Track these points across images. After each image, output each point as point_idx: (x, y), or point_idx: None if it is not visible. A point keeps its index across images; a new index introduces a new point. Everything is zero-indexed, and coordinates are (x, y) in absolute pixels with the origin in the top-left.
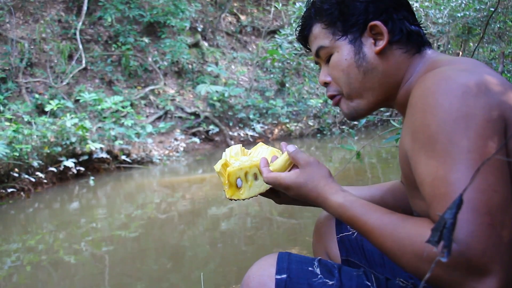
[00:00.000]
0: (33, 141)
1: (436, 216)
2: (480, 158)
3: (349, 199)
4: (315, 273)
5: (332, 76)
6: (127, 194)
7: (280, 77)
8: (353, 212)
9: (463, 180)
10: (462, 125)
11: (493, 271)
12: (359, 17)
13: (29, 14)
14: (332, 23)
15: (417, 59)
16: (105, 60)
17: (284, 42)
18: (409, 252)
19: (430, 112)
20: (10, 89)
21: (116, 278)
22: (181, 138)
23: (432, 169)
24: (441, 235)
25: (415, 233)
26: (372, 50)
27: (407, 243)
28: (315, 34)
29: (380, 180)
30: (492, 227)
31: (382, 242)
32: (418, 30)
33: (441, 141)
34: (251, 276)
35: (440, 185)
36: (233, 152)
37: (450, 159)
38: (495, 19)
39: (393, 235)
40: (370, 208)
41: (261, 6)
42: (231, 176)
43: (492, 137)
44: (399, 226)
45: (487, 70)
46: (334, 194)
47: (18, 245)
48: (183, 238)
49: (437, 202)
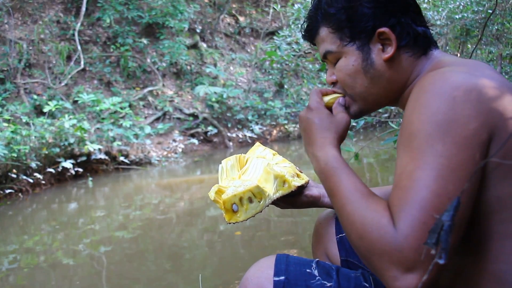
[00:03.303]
0: (31, 142)
1: (392, 202)
2: (449, 165)
3: (342, 158)
4: (313, 275)
5: (338, 77)
6: (126, 195)
7: (279, 79)
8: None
9: (425, 180)
10: (442, 129)
11: (418, 270)
12: (367, 23)
13: (28, 15)
14: (340, 28)
15: (423, 61)
16: (103, 61)
17: (282, 43)
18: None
19: (418, 111)
20: (9, 90)
21: (114, 279)
22: (180, 139)
23: (403, 162)
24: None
25: (371, 208)
26: (380, 57)
27: (361, 214)
28: (322, 37)
29: (378, 182)
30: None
31: (344, 204)
32: (425, 31)
33: (419, 139)
34: (249, 278)
35: (404, 178)
36: (229, 164)
37: (421, 158)
38: (493, 21)
39: (355, 201)
40: (353, 172)
41: (260, 8)
42: (226, 203)
43: (468, 149)
44: (365, 198)
45: (488, 72)
46: (335, 147)
47: (16, 246)
48: (181, 239)
49: (396, 191)
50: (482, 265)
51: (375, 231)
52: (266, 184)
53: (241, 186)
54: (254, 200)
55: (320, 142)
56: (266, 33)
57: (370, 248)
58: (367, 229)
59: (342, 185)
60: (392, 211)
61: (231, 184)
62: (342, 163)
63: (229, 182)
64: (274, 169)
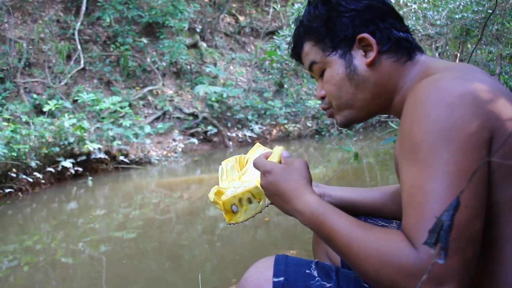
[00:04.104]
0: (31, 141)
1: (408, 223)
2: (458, 172)
3: (323, 202)
4: (313, 276)
5: (325, 90)
6: (125, 195)
7: (279, 78)
8: (325, 211)
9: (438, 191)
10: (445, 137)
11: (449, 282)
12: (347, 32)
13: (28, 14)
14: (321, 39)
15: (410, 67)
16: (103, 60)
17: (282, 43)
18: (374, 256)
19: (417, 121)
20: (8, 89)
21: (113, 278)
22: (179, 139)
23: (411, 176)
24: (438, 237)
25: (382, 238)
26: (363, 62)
27: (373, 247)
28: (306, 51)
29: (378, 181)
30: (457, 242)
31: (348, 245)
32: (407, 36)
33: (424, 150)
34: (248, 279)
35: (416, 193)
36: (229, 165)
37: (429, 169)
38: (493, 21)
39: (360, 238)
40: (341, 212)
41: (260, 7)
42: (226, 204)
43: (473, 151)
44: (368, 231)
45: (480, 76)
46: (312, 193)
47: (15, 245)
48: (181, 239)
49: (411, 209)
50: (483, 267)
51: (395, 259)
52: None
53: (240, 187)
54: (254, 200)
55: (295, 195)
56: (266, 33)
57: (393, 278)
58: (386, 259)
59: (338, 227)
60: (410, 232)
61: (230, 185)
62: (327, 205)
63: (228, 183)
64: None
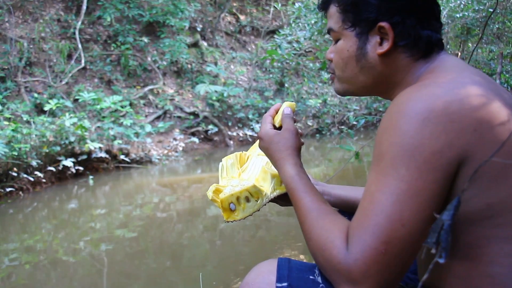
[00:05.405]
0: (32, 141)
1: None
2: (408, 190)
3: (301, 175)
4: (317, 282)
5: (333, 57)
6: (126, 194)
7: (279, 77)
8: (297, 186)
9: (384, 204)
10: (408, 154)
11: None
12: (370, 14)
13: (28, 13)
14: (345, 11)
15: (421, 64)
16: (104, 59)
17: (283, 42)
18: (314, 240)
19: (389, 130)
20: (9, 88)
21: (114, 277)
22: (180, 138)
23: (370, 180)
24: (438, 237)
25: (327, 228)
26: (375, 49)
27: (317, 232)
28: (330, 13)
29: None
30: (382, 256)
31: (303, 221)
32: (430, 35)
33: (385, 160)
34: (249, 283)
35: (367, 198)
36: (229, 162)
37: (384, 180)
38: (493, 20)
39: (312, 220)
40: (312, 190)
41: (261, 6)
42: (224, 202)
43: (431, 172)
44: (321, 217)
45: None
46: (293, 165)
47: (16, 244)
48: (182, 238)
49: (359, 211)
50: (480, 268)
51: (327, 251)
52: (263, 183)
53: (238, 185)
54: (251, 199)
55: (279, 164)
56: (266, 32)
57: (324, 264)
58: (321, 247)
59: (301, 204)
60: (350, 232)
61: (229, 183)
62: (300, 181)
63: (227, 181)
64: (272, 169)
